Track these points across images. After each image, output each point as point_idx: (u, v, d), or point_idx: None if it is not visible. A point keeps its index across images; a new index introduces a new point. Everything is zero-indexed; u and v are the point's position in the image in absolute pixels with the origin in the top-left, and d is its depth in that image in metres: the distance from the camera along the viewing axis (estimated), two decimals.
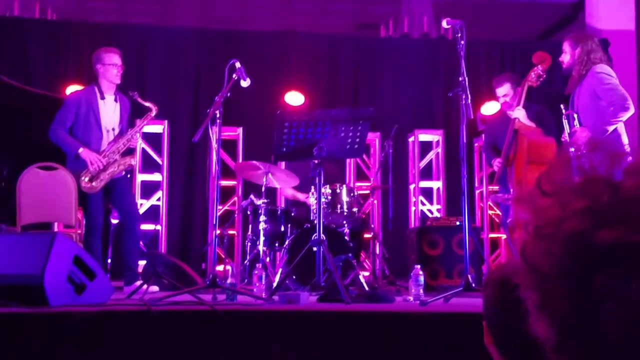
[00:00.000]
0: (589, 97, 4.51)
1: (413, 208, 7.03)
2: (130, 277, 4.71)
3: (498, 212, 6.83)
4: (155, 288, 4.43)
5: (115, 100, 4.95)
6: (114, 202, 5.02)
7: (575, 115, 4.56)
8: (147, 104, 4.95)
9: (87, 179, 4.74)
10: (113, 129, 4.91)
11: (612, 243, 0.59)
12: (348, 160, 6.86)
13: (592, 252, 0.60)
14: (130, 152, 5.06)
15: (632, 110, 4.43)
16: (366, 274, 6.01)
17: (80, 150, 4.73)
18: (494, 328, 1.22)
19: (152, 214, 6.62)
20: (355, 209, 5.29)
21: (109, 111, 4.92)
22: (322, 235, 4.02)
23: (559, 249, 0.62)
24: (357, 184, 6.77)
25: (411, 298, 3.97)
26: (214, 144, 4.28)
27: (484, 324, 1.25)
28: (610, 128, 4.39)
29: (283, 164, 5.93)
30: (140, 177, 6.63)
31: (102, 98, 4.90)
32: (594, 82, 4.49)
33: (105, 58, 4.91)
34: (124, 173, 4.95)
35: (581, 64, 4.58)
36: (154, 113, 4.97)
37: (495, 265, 1.46)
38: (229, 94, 4.16)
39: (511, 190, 5.10)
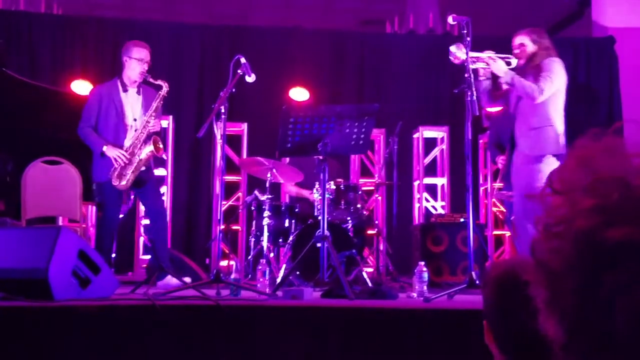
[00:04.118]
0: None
1: (417, 205, 7.02)
2: (160, 275, 4.67)
3: (502, 209, 6.82)
4: (174, 280, 4.42)
5: (138, 92, 4.85)
6: (142, 200, 4.97)
7: None
8: (157, 82, 4.80)
9: (115, 175, 4.65)
10: (135, 120, 4.80)
11: (622, 241, 0.59)
12: (352, 156, 6.86)
13: (602, 250, 0.60)
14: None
15: None
16: (370, 270, 6.01)
17: (105, 148, 4.65)
18: (494, 326, 1.22)
19: None
20: (359, 205, 5.30)
21: (133, 103, 4.83)
22: (326, 231, 4.02)
23: (568, 247, 0.62)
24: (362, 180, 6.76)
25: (415, 295, 3.97)
26: (219, 140, 4.28)
27: (484, 322, 1.25)
28: None
29: (287, 160, 5.93)
30: None
31: (125, 90, 4.82)
32: None
33: (132, 51, 4.82)
34: (144, 168, 4.78)
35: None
36: (164, 90, 4.80)
37: (493, 264, 1.46)
38: (233, 90, 4.16)
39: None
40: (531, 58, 4.42)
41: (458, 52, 4.14)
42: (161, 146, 4.75)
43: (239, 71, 4.18)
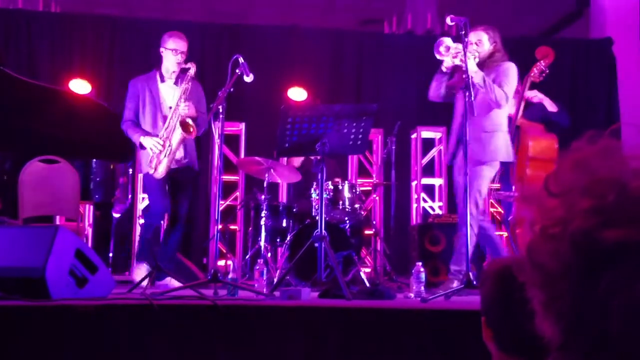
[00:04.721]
0: None
1: (415, 205, 7.02)
2: (160, 275, 4.62)
3: (500, 209, 6.83)
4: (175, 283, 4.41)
5: (176, 83, 4.82)
6: (172, 196, 4.88)
7: None
8: (186, 65, 4.77)
9: (153, 164, 4.63)
10: (171, 108, 4.75)
11: (619, 242, 0.59)
12: (350, 156, 6.85)
13: (599, 251, 0.60)
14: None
15: None
16: (367, 270, 6.01)
17: (141, 139, 4.66)
18: (493, 323, 1.22)
19: None
20: (357, 206, 5.30)
21: (170, 93, 4.81)
22: (323, 231, 4.02)
23: (565, 249, 0.62)
24: (360, 180, 6.76)
25: (412, 295, 3.98)
26: (217, 139, 4.28)
27: (482, 319, 1.25)
28: None
29: (285, 160, 5.94)
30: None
31: (163, 81, 4.83)
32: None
33: (167, 42, 4.82)
34: (184, 161, 4.76)
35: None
36: (192, 70, 4.75)
37: (493, 261, 1.46)
38: (232, 89, 4.16)
39: (513, 187, 5.11)
40: (489, 57, 4.36)
41: (444, 47, 4.12)
42: (192, 126, 4.61)
43: (237, 71, 4.18)
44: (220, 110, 4.06)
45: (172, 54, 4.79)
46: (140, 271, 4.54)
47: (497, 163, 4.34)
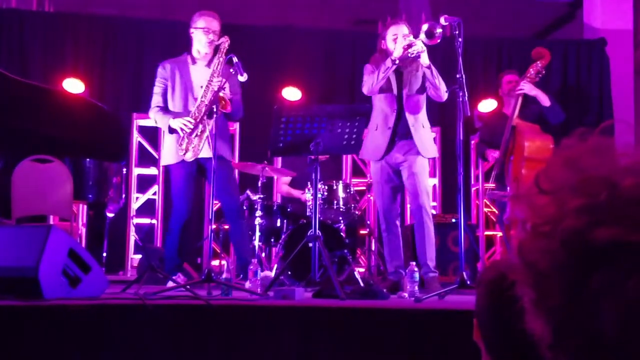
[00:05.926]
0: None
1: (409, 205, 7.02)
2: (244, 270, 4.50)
3: (494, 209, 6.84)
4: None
5: (208, 65, 4.63)
6: (214, 190, 4.51)
7: None
8: (219, 41, 4.58)
9: (183, 147, 4.40)
10: (201, 87, 4.57)
11: (610, 241, 0.59)
12: (344, 156, 6.86)
13: (590, 250, 0.60)
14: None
15: None
16: (361, 270, 6.01)
17: (170, 121, 4.43)
18: (484, 325, 1.22)
19: (148, 208, 6.61)
20: (351, 205, 5.30)
21: (202, 76, 4.59)
22: (317, 231, 4.02)
23: (556, 247, 0.62)
24: (354, 180, 6.76)
25: (406, 295, 3.98)
26: (210, 138, 4.25)
27: (474, 321, 1.25)
28: None
29: (280, 160, 5.93)
30: (136, 171, 6.62)
31: (194, 63, 4.65)
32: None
33: (197, 22, 4.65)
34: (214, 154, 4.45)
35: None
36: (227, 43, 4.56)
37: (490, 263, 1.47)
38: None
39: (508, 187, 5.12)
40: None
41: (432, 33, 4.16)
42: (226, 99, 4.38)
43: (231, 70, 4.17)
44: (215, 110, 4.06)
45: (203, 32, 4.61)
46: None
47: (428, 160, 4.63)
